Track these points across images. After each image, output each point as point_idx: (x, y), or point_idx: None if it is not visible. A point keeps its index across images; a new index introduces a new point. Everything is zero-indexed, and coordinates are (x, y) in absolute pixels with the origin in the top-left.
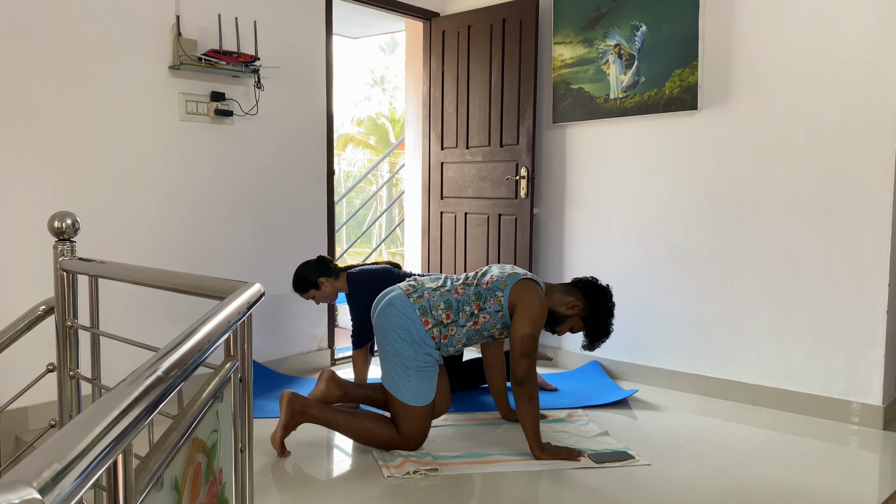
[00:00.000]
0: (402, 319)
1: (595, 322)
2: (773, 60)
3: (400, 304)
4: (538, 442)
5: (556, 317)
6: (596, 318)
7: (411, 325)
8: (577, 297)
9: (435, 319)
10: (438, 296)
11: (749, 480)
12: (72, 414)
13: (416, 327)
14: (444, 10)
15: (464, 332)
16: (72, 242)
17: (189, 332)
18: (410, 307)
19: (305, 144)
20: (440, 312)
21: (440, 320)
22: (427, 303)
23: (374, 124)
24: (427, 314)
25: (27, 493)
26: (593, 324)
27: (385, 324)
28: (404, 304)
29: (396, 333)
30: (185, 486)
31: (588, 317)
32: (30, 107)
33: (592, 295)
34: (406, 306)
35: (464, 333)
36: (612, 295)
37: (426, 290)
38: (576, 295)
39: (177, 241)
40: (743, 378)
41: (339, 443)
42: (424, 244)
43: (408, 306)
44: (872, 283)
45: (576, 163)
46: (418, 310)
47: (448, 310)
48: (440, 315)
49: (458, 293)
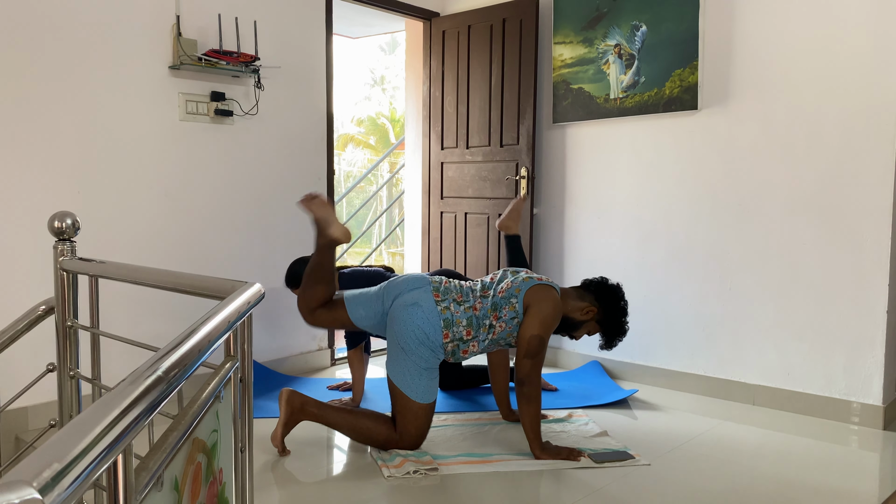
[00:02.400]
0: (425, 324)
1: (611, 324)
2: (773, 60)
3: (427, 308)
4: (538, 442)
5: (571, 323)
6: (611, 319)
7: (431, 332)
8: (590, 301)
9: (455, 336)
10: (462, 312)
11: (749, 480)
12: (72, 414)
13: (435, 335)
14: (444, 10)
15: (483, 345)
16: (72, 242)
17: (189, 332)
18: (437, 316)
19: (305, 144)
20: (461, 329)
21: (460, 336)
22: (451, 316)
23: (374, 124)
24: (450, 328)
25: (27, 493)
26: (609, 325)
27: (406, 320)
28: (432, 310)
29: (415, 334)
30: (185, 486)
31: (603, 319)
32: (30, 107)
33: (605, 297)
34: (433, 313)
35: (481, 346)
36: (623, 293)
37: (452, 301)
38: (589, 299)
39: (177, 241)
40: (743, 378)
41: (339, 442)
42: (424, 244)
43: (435, 314)
44: (872, 283)
45: (576, 163)
46: (443, 321)
47: (469, 327)
48: (461, 332)
49: (477, 309)
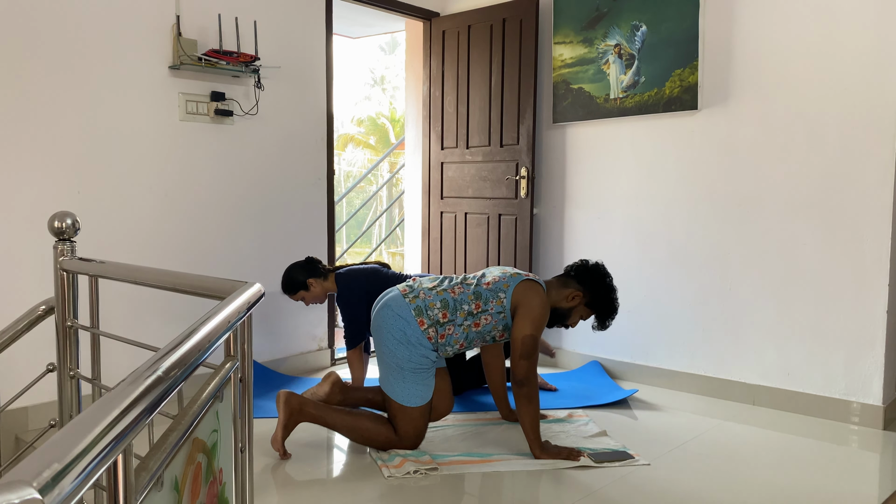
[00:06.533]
0: (397, 321)
1: (600, 304)
2: (773, 60)
3: (395, 305)
4: (538, 442)
5: (561, 312)
6: (599, 300)
7: (406, 327)
8: (574, 287)
9: (431, 319)
10: (434, 295)
11: (749, 480)
12: (72, 414)
13: (411, 328)
14: (444, 10)
15: (461, 331)
16: (72, 242)
17: (189, 332)
18: (406, 308)
19: (305, 144)
20: (436, 312)
21: (436, 320)
22: (423, 302)
23: (374, 124)
24: (423, 314)
25: (27, 493)
26: (598, 306)
27: (381, 325)
28: (399, 305)
29: (392, 335)
30: (185, 486)
31: (591, 301)
32: (30, 107)
33: (588, 279)
34: (401, 307)
35: (462, 334)
36: (605, 270)
37: (423, 289)
38: (573, 285)
39: (177, 241)
40: (743, 378)
41: (338, 443)
42: (424, 244)
43: (403, 307)
44: (872, 283)
45: (576, 163)
46: (413, 310)
47: (444, 309)
48: (436, 314)
49: (455, 292)
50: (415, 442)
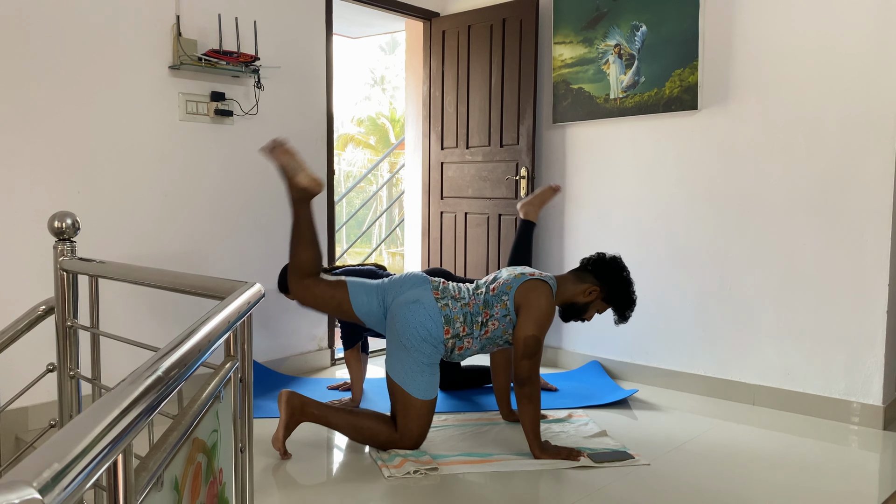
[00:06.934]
0: (427, 320)
1: (618, 297)
2: (773, 60)
3: (429, 305)
4: (538, 442)
5: (577, 307)
6: (617, 293)
7: (434, 328)
8: (591, 281)
9: (454, 330)
10: (459, 308)
11: (749, 480)
12: (72, 414)
13: (437, 331)
14: (444, 10)
15: (478, 342)
16: (72, 242)
17: (189, 332)
18: (438, 312)
19: (305, 144)
20: (458, 325)
21: (457, 332)
22: (450, 312)
23: (374, 124)
24: (450, 324)
25: (27, 493)
26: (616, 300)
27: (408, 317)
28: (433, 307)
29: (417, 331)
30: (185, 486)
31: (609, 296)
32: (30, 107)
33: (605, 273)
34: (434, 310)
35: (478, 344)
36: (622, 263)
37: (450, 299)
38: (589, 280)
39: (177, 241)
40: (743, 378)
41: (338, 443)
42: (424, 244)
43: (436, 310)
44: (872, 283)
45: (576, 163)
46: (444, 317)
47: (465, 323)
48: (458, 328)
49: (471, 305)
50: (417, 440)
